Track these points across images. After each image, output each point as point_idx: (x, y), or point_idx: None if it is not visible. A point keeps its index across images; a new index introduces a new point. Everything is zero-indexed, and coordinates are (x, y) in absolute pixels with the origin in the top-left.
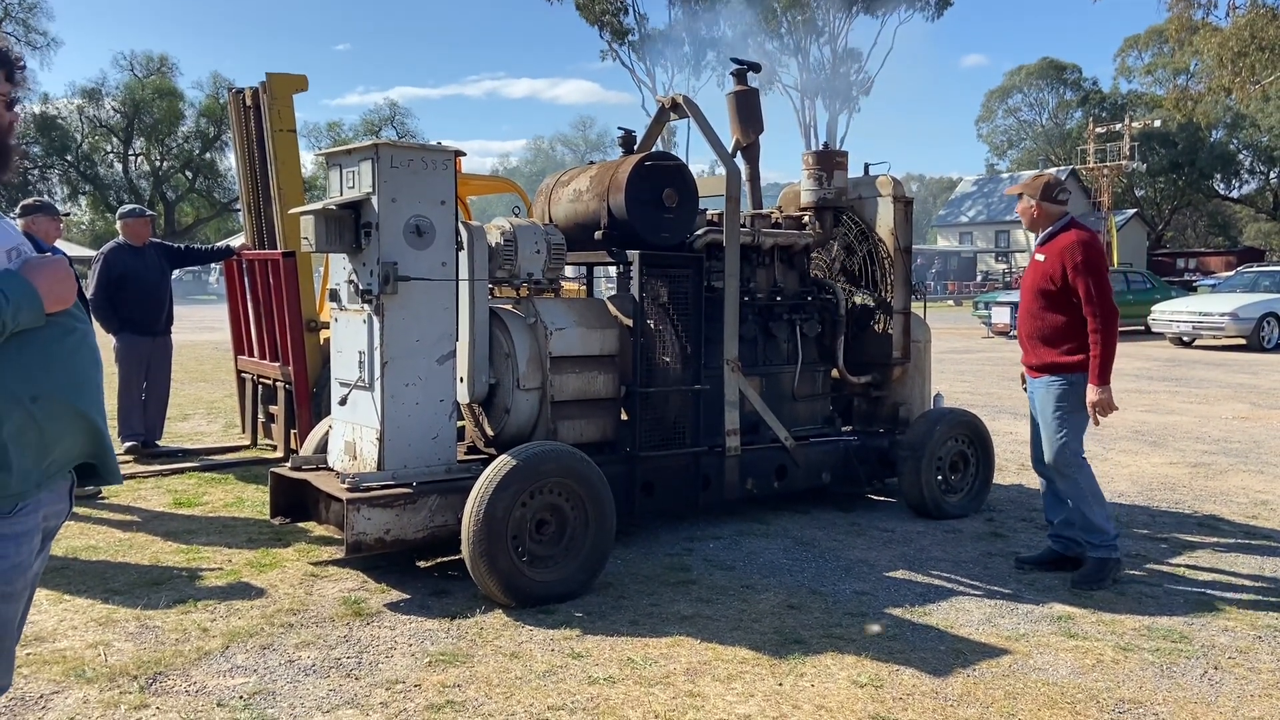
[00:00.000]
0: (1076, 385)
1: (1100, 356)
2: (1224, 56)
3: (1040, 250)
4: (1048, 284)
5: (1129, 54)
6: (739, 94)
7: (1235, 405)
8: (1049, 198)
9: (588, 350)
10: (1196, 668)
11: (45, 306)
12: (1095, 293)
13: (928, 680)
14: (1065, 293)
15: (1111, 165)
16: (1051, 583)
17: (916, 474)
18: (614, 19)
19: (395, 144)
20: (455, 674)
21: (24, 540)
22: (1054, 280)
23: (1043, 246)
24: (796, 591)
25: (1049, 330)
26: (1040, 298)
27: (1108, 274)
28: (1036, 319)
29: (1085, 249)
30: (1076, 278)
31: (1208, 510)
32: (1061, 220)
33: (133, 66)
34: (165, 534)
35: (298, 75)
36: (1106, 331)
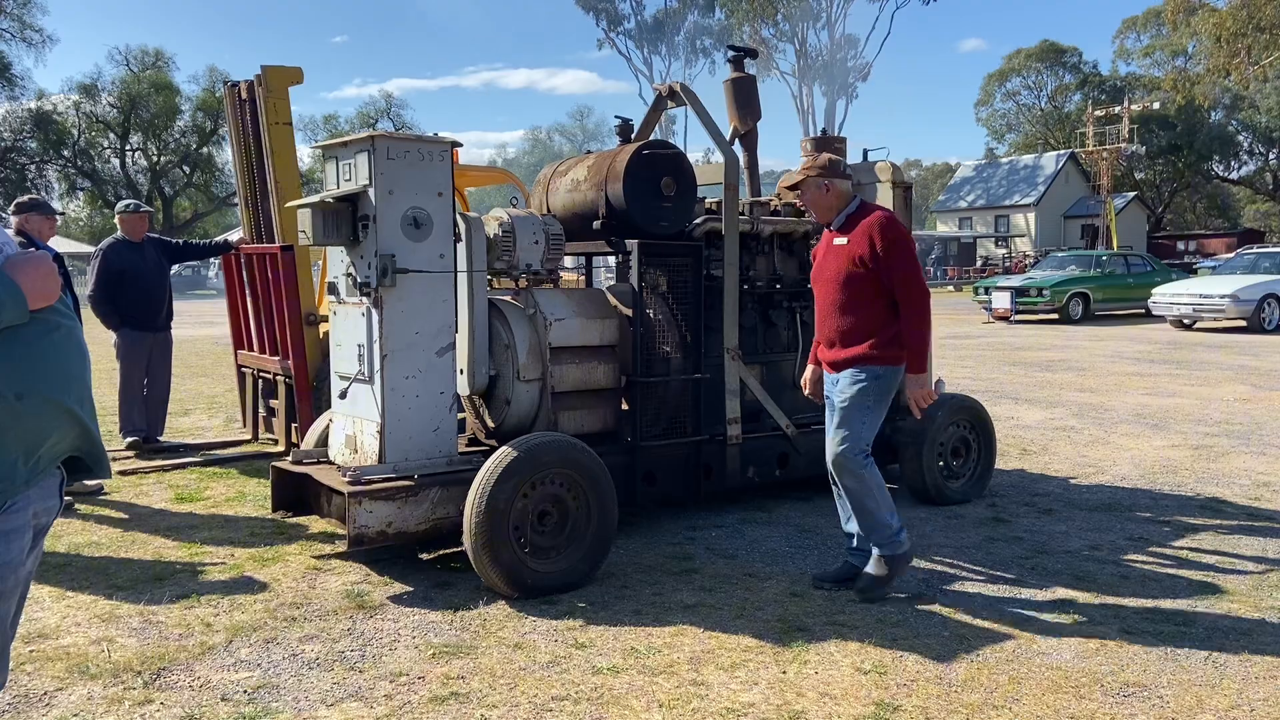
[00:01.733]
0: (884, 379)
1: (915, 340)
2: (1222, 37)
3: (839, 234)
4: (855, 267)
5: (1127, 36)
6: (736, 81)
7: (1236, 387)
8: (839, 174)
9: (587, 341)
10: (1200, 651)
11: (29, 303)
12: (908, 273)
13: (932, 666)
14: (873, 276)
15: (1110, 148)
16: (1055, 567)
17: (918, 460)
18: (610, 6)
19: (392, 136)
20: (459, 665)
21: (14, 538)
22: (863, 263)
23: (841, 230)
24: (799, 579)
25: (857, 321)
26: (846, 287)
27: (914, 250)
28: (842, 311)
29: (895, 227)
30: (889, 258)
31: (1210, 493)
32: (855, 200)
33: (128, 61)
34: (167, 529)
35: (293, 68)
36: (921, 316)
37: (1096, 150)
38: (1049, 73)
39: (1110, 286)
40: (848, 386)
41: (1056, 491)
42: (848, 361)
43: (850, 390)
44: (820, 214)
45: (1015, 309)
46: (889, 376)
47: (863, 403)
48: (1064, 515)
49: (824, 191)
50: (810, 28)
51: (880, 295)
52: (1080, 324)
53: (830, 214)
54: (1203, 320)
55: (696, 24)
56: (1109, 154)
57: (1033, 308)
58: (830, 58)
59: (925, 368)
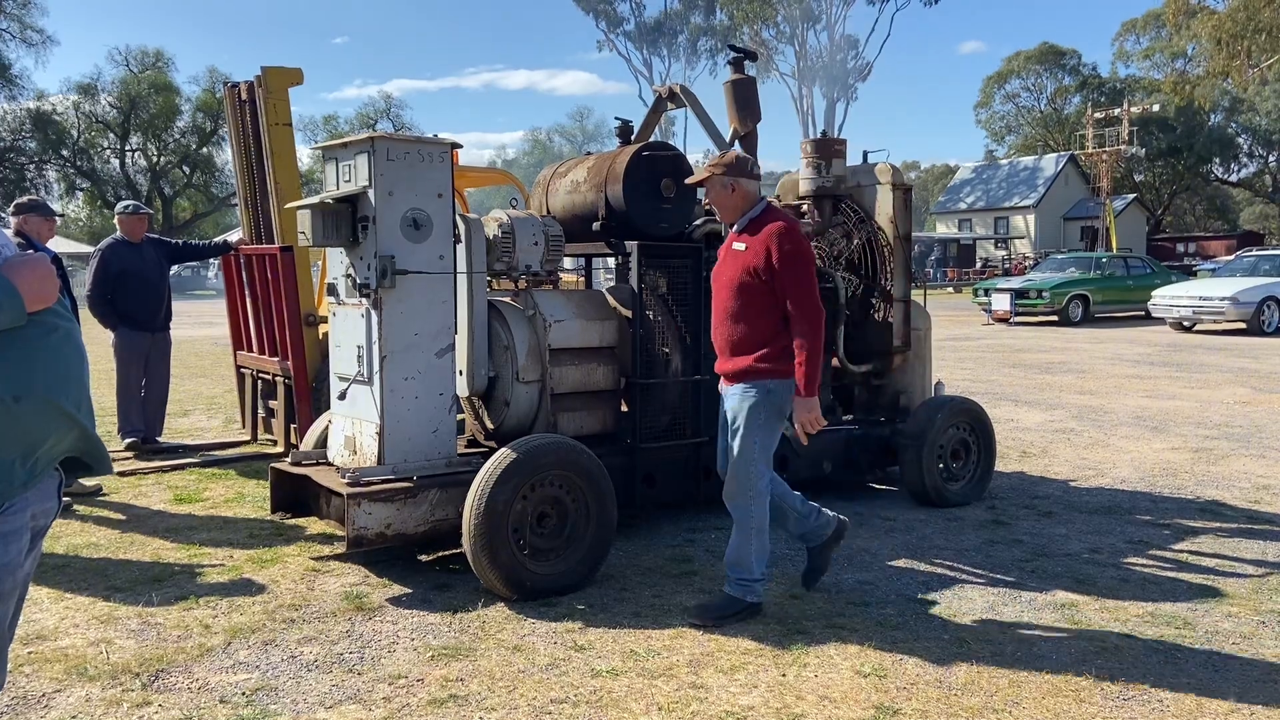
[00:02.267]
0: (775, 394)
1: (806, 363)
2: (1221, 39)
3: (739, 239)
4: (749, 277)
5: (1127, 38)
6: (736, 82)
7: (1236, 390)
8: (745, 173)
9: (587, 342)
10: (1200, 654)
11: (27, 305)
12: (802, 289)
13: (931, 669)
14: (768, 288)
15: (1110, 150)
16: (1055, 570)
17: (918, 462)
18: (609, 7)
19: (392, 137)
20: (458, 668)
21: (12, 540)
22: (758, 273)
23: (741, 234)
24: (798, 582)
25: (749, 331)
26: (740, 294)
27: (813, 264)
28: (735, 319)
29: (794, 238)
30: (783, 270)
31: (1210, 495)
32: (761, 204)
33: (128, 62)
34: (166, 530)
35: (293, 69)
36: (813, 335)
37: (1096, 153)
38: (1048, 75)
39: (1110, 289)
40: (739, 404)
41: (1056, 494)
42: (738, 374)
43: (741, 408)
44: (723, 214)
45: (1015, 311)
46: (781, 391)
47: (753, 421)
48: (1064, 518)
49: (728, 191)
50: (810, 29)
51: (776, 307)
52: (1080, 326)
53: (734, 215)
54: (1202, 322)
55: (696, 25)
56: (1109, 156)
57: (1032, 310)
58: (830, 59)
59: (815, 391)
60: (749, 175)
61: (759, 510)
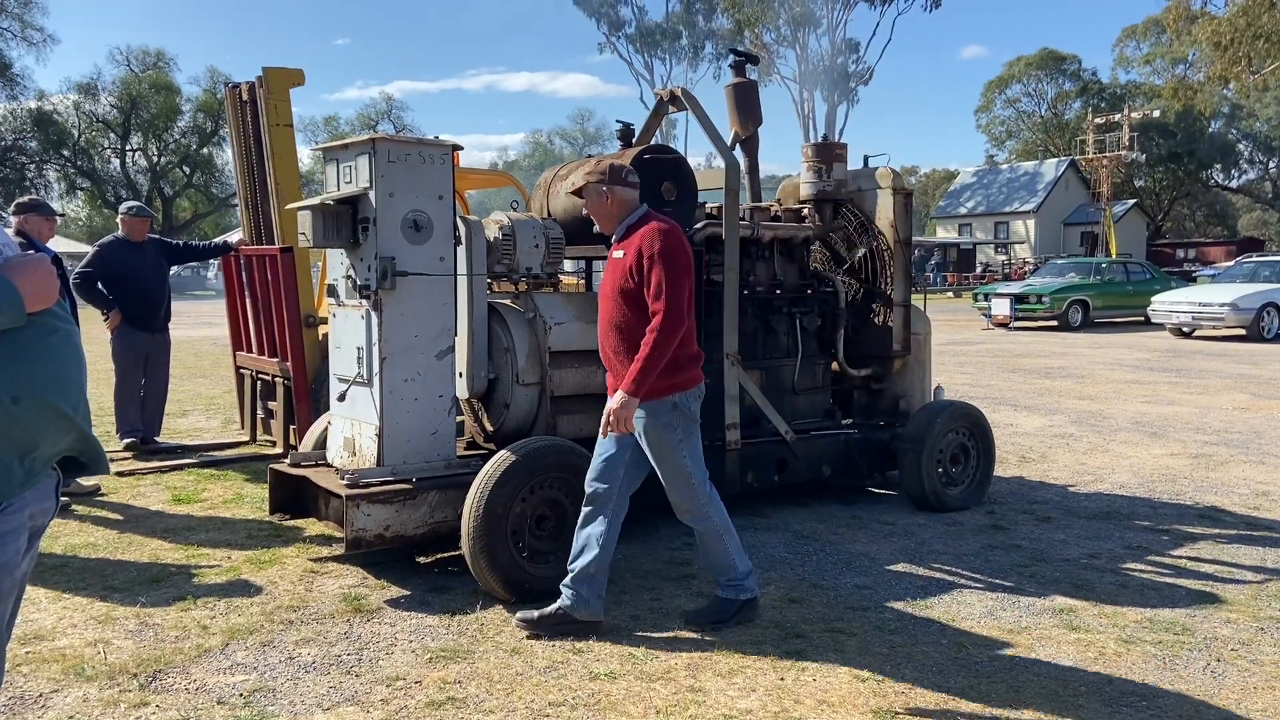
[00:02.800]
0: (681, 406)
1: (645, 360)
2: (1222, 45)
3: (619, 246)
4: (629, 283)
5: (1127, 44)
6: (737, 86)
7: (1236, 396)
8: (621, 181)
9: (587, 345)
10: (1199, 660)
11: (26, 306)
12: (666, 290)
13: (930, 674)
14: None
15: (1110, 156)
16: (1054, 575)
17: (917, 467)
18: (611, 11)
19: (393, 138)
20: (456, 670)
21: (10, 540)
22: (632, 276)
23: (621, 241)
24: (797, 585)
25: (636, 342)
26: (622, 303)
27: (688, 273)
28: (620, 330)
29: (665, 237)
30: (650, 269)
31: (1209, 501)
32: (639, 210)
33: (129, 62)
34: (164, 531)
35: (294, 70)
36: (664, 340)
37: (1096, 158)
38: (1049, 80)
39: (1110, 294)
40: (649, 426)
41: (1055, 499)
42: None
43: (654, 430)
44: (601, 224)
45: (1015, 316)
46: (688, 400)
47: (670, 439)
48: (1063, 523)
49: (605, 200)
50: (811, 33)
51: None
52: (1079, 331)
53: (612, 224)
54: (1202, 328)
55: (698, 29)
56: (1109, 161)
57: (1032, 314)
58: (831, 63)
59: (638, 392)
60: (624, 183)
61: (716, 513)
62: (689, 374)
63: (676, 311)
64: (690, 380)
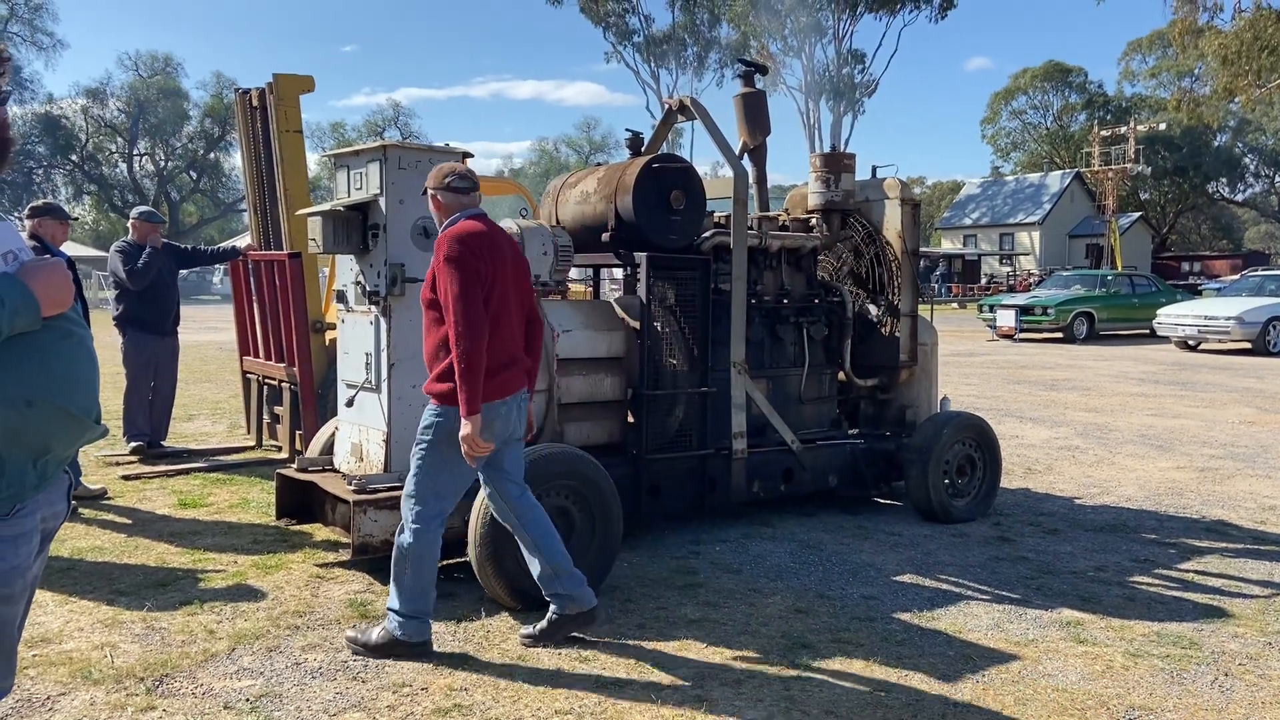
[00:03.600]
0: (447, 419)
1: (460, 381)
2: (1228, 59)
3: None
4: (429, 290)
5: (1133, 57)
6: (746, 96)
7: (1241, 409)
8: (441, 186)
9: (594, 352)
10: (1207, 674)
11: (42, 310)
12: (449, 296)
13: (936, 685)
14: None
15: (1116, 168)
16: (1061, 588)
17: (924, 477)
18: (619, 20)
19: (403, 145)
20: (462, 677)
21: (22, 542)
22: (432, 286)
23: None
24: (804, 595)
25: (432, 348)
26: (425, 310)
27: (476, 278)
28: (424, 335)
29: (455, 243)
30: (438, 276)
31: (1215, 515)
32: (455, 217)
33: (137, 66)
34: (170, 535)
35: (305, 76)
36: (463, 352)
37: (1102, 170)
38: (1055, 92)
39: (1115, 306)
40: (421, 422)
41: (1062, 511)
42: (428, 392)
43: (421, 427)
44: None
45: (1020, 327)
46: (453, 417)
47: (423, 439)
48: (1069, 535)
49: (433, 205)
50: (817, 44)
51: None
52: (1085, 343)
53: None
54: (1207, 342)
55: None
56: (1115, 174)
57: (1037, 326)
58: (837, 74)
59: (475, 409)
60: (445, 188)
61: (420, 542)
62: (494, 381)
63: (469, 322)
64: (496, 389)
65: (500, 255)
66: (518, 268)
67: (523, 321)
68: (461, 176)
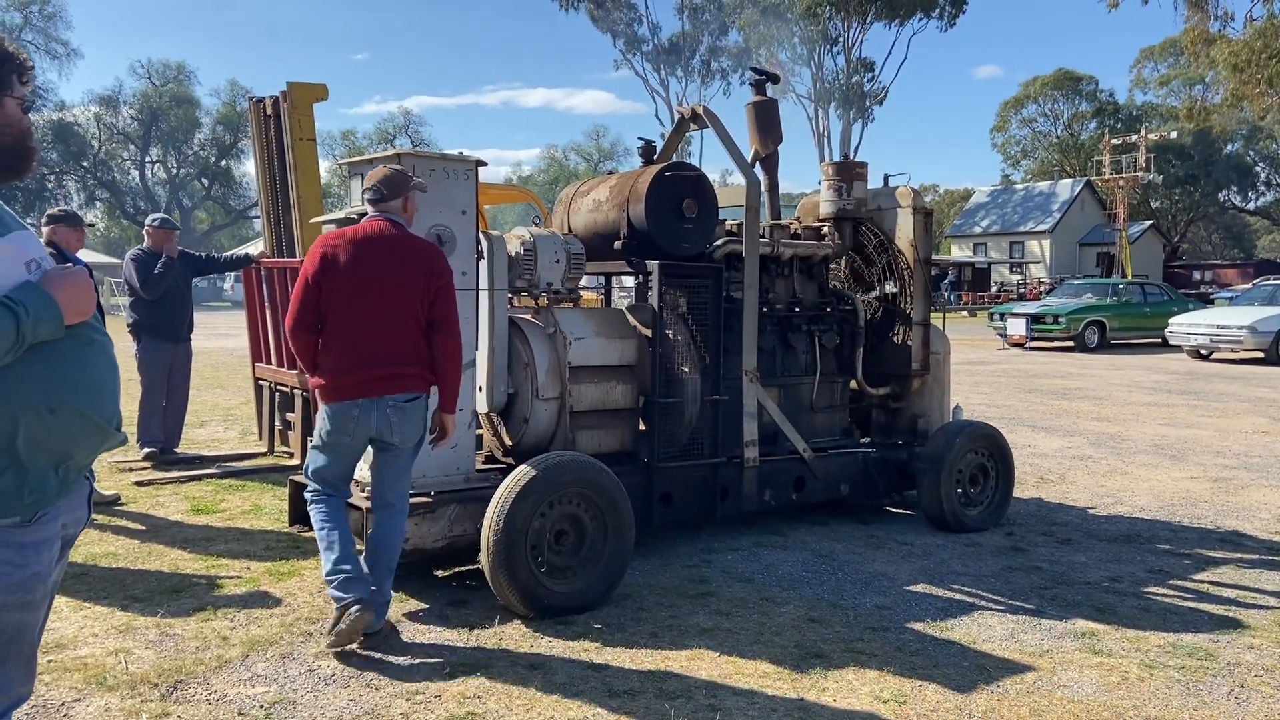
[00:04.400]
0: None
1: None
2: (1239, 67)
3: None
4: None
5: (1144, 65)
6: (758, 104)
7: (1255, 419)
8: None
9: (606, 360)
10: (1223, 685)
11: (65, 318)
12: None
13: (951, 696)
14: None
15: (1127, 177)
16: (1075, 598)
17: (936, 487)
18: (627, 29)
19: (417, 154)
20: (475, 685)
21: (44, 548)
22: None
23: None
24: (816, 604)
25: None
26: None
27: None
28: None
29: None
30: None
31: (1230, 526)
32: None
33: (150, 75)
34: (184, 541)
35: (318, 84)
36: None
37: (1113, 179)
38: (1065, 101)
39: (1127, 315)
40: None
41: (1075, 521)
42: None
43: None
44: None
45: (1031, 336)
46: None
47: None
48: (1083, 545)
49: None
50: (827, 52)
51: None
52: (1096, 352)
53: None
54: (1220, 351)
55: (712, 46)
56: (1126, 182)
57: (1048, 335)
58: (846, 82)
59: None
60: (371, 189)
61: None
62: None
63: (290, 318)
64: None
65: (336, 263)
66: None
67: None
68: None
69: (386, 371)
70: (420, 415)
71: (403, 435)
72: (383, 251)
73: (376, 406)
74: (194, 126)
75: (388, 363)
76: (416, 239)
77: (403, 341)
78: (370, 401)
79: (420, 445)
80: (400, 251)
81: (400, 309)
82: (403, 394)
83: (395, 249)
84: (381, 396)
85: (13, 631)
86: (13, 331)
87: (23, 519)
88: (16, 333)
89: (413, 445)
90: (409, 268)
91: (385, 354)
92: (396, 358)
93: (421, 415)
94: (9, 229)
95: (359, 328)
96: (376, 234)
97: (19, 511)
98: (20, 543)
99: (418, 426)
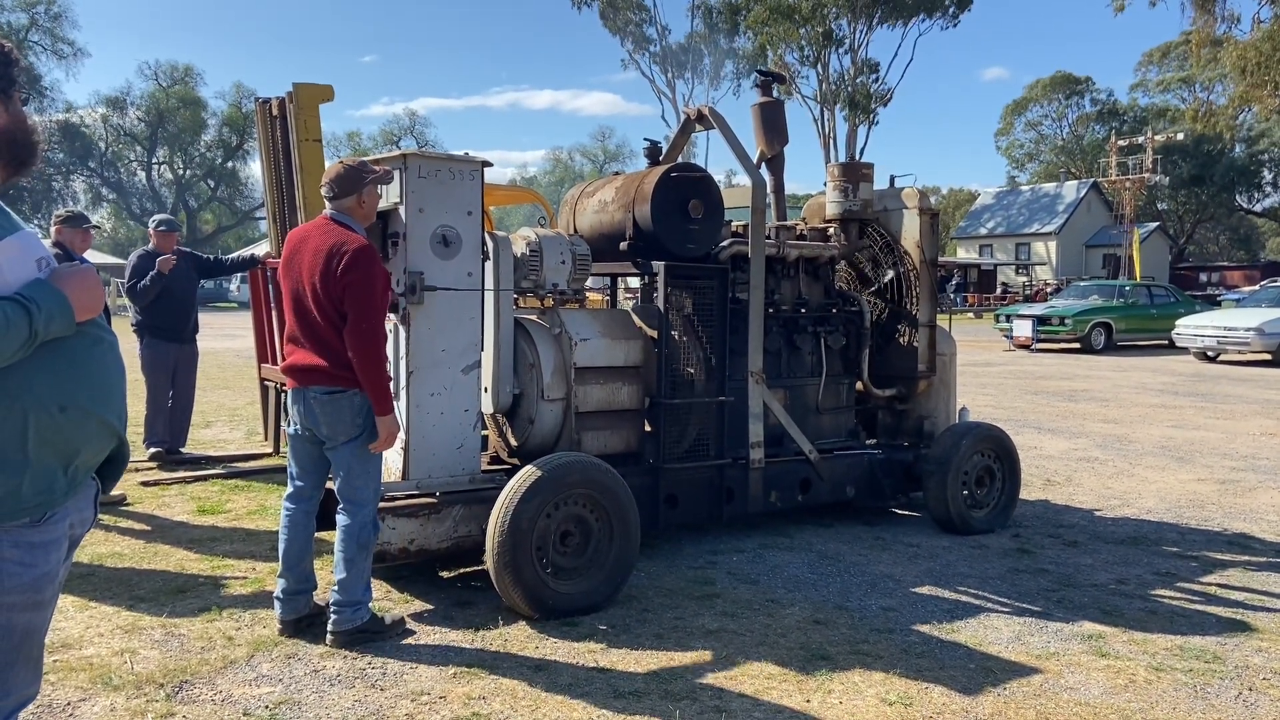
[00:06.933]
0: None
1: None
2: (1245, 69)
3: None
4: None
5: (1149, 67)
6: (764, 105)
7: (1262, 421)
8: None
9: (612, 361)
10: (1231, 688)
11: (75, 315)
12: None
13: (958, 699)
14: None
15: (1134, 178)
16: (1082, 600)
17: (942, 488)
18: (636, 29)
19: (423, 154)
20: (480, 686)
21: (52, 549)
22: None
23: None
24: (822, 606)
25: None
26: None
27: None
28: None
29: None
30: None
31: (1237, 528)
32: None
33: (157, 76)
34: (189, 541)
35: (324, 85)
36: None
37: (1119, 180)
38: (1069, 103)
39: (1133, 317)
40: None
41: (1081, 523)
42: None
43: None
44: None
45: (1037, 337)
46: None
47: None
48: (1089, 548)
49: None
50: (832, 53)
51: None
52: (1103, 354)
53: None
54: (1227, 353)
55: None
56: (1133, 184)
57: (1054, 336)
58: (852, 83)
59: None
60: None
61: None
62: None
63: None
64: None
65: (284, 259)
66: (299, 271)
67: (306, 321)
68: (343, 177)
69: (307, 363)
70: (348, 411)
71: (331, 429)
72: (309, 249)
73: (302, 397)
74: (200, 128)
75: (309, 355)
76: (342, 235)
77: (322, 336)
78: (297, 391)
79: (361, 443)
80: (324, 249)
81: (318, 304)
82: (320, 386)
83: (320, 246)
84: (306, 387)
85: (22, 632)
86: (26, 327)
87: (32, 519)
88: (30, 328)
89: (346, 441)
90: (323, 265)
91: (309, 347)
92: (316, 351)
93: (349, 411)
94: (16, 227)
95: (293, 321)
96: (312, 231)
97: (28, 512)
98: (30, 543)
99: (347, 423)
